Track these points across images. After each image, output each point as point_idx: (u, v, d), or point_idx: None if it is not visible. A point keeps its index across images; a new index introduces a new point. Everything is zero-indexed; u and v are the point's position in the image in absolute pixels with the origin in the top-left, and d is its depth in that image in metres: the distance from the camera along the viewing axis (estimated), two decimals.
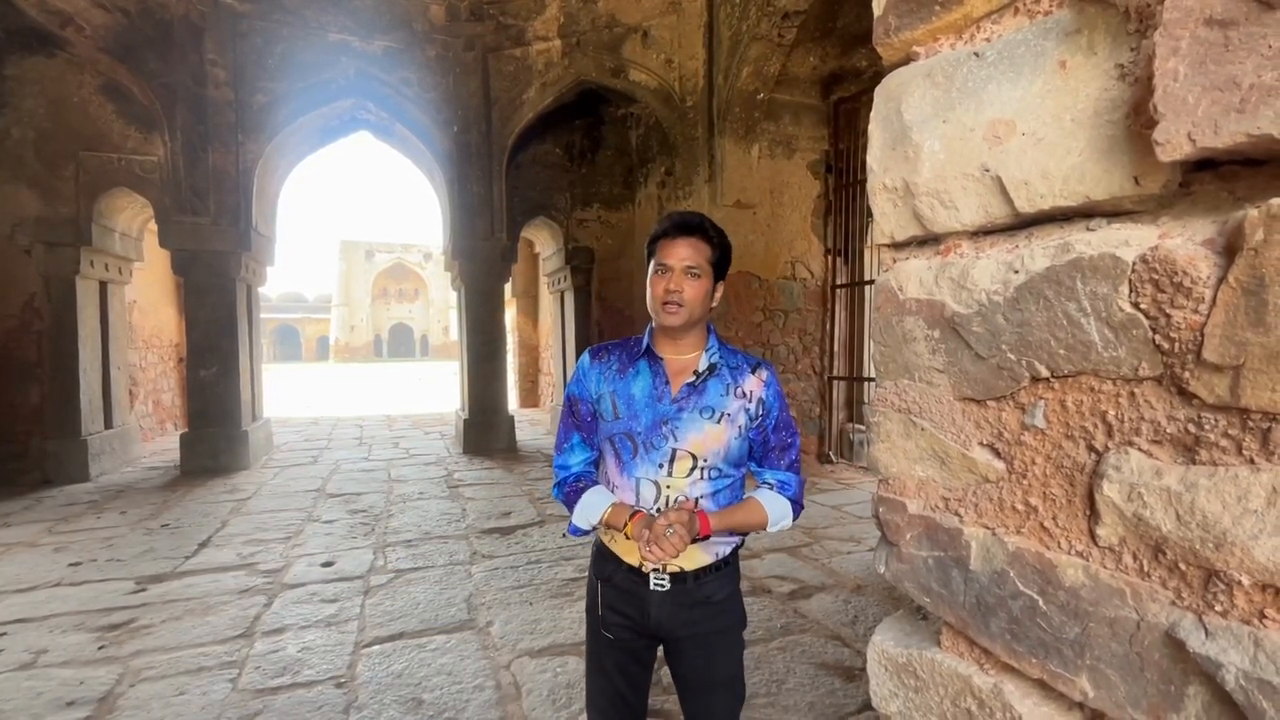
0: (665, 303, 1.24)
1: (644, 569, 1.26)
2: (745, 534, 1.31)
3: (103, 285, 6.56)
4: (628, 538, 1.23)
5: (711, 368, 1.29)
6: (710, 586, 1.28)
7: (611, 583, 1.31)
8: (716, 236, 1.28)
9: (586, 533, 1.32)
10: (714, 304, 1.31)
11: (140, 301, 8.18)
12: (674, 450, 1.24)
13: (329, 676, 2.43)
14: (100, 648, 2.65)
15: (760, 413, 1.29)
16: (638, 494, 1.26)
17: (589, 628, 1.39)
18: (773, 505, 1.28)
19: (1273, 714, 0.56)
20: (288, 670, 2.47)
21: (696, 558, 1.26)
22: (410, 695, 2.29)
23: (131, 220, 6.93)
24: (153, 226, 6.73)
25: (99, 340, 6.46)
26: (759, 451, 1.32)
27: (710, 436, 1.24)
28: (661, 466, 1.24)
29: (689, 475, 1.25)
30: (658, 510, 1.24)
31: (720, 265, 1.29)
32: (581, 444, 1.36)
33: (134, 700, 2.27)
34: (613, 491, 1.30)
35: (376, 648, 2.65)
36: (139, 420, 7.82)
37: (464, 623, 2.89)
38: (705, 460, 1.25)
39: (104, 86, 6.18)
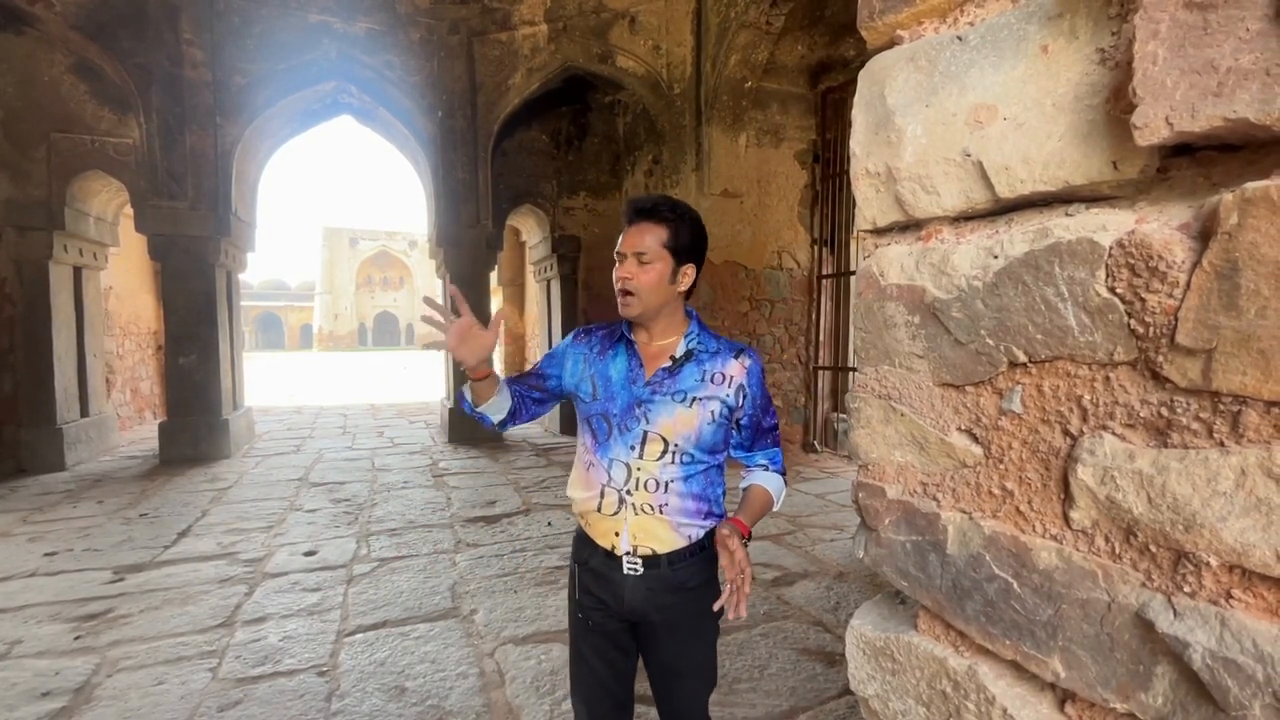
0: (619, 292, 1.24)
1: (616, 552, 1.26)
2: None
3: (77, 270, 6.40)
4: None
5: (689, 354, 1.27)
6: (684, 572, 1.26)
7: (588, 566, 1.32)
8: (675, 217, 1.24)
9: (464, 399, 1.35)
10: (683, 288, 1.27)
11: (117, 288, 8.01)
12: (645, 433, 1.24)
13: (311, 665, 2.41)
14: (77, 638, 2.61)
15: (740, 400, 1.27)
16: (609, 474, 1.26)
17: (570, 613, 1.40)
18: (773, 485, 1.32)
19: (1236, 692, 0.57)
20: (269, 659, 2.45)
21: (668, 539, 1.24)
22: (393, 683, 2.28)
23: (106, 204, 6.77)
24: (129, 211, 6.57)
25: (74, 327, 6.32)
26: (749, 437, 1.32)
27: (680, 420, 1.24)
28: (634, 448, 1.24)
29: (659, 459, 1.24)
30: (627, 492, 1.25)
31: (685, 248, 1.24)
32: (515, 380, 1.37)
33: (111, 690, 2.24)
34: (588, 470, 1.30)
35: (359, 636, 2.64)
36: (116, 409, 7.68)
37: (448, 611, 2.88)
38: (676, 444, 1.24)
39: (76, 65, 6.00)
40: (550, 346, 8.82)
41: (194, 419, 6.30)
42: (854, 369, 1.03)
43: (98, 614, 2.84)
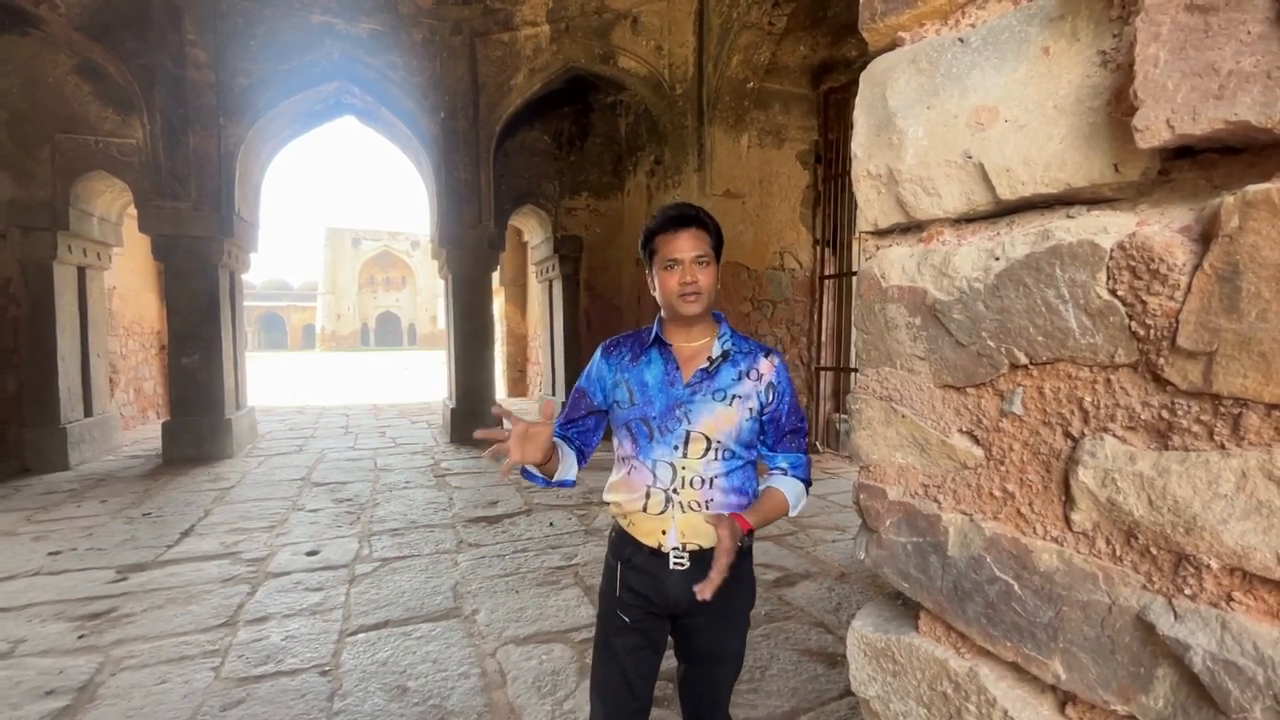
0: (683, 294, 1.29)
1: (662, 549, 1.31)
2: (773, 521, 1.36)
3: (81, 271, 6.43)
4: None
5: (725, 354, 1.34)
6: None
7: (631, 564, 1.35)
8: (712, 223, 1.34)
9: (533, 476, 1.33)
10: (718, 286, 1.37)
11: (120, 288, 8.04)
12: (688, 432, 1.30)
13: (313, 665, 2.42)
14: (80, 637, 2.62)
15: (771, 397, 1.34)
16: (654, 475, 1.31)
17: (602, 612, 1.42)
18: (790, 490, 1.35)
19: (1237, 694, 0.57)
20: (271, 659, 2.46)
21: (713, 534, 1.28)
22: (395, 683, 2.29)
23: (110, 204, 6.80)
24: (132, 211, 6.60)
25: (78, 327, 6.35)
26: (772, 437, 1.37)
27: (722, 418, 1.30)
28: (676, 448, 1.30)
29: (703, 456, 1.30)
30: (674, 490, 1.30)
31: (718, 251, 1.35)
32: (570, 422, 1.44)
33: (114, 689, 2.25)
34: (629, 474, 1.35)
35: (361, 636, 2.64)
36: (120, 408, 7.71)
37: (450, 611, 2.89)
38: (718, 441, 1.30)
39: (80, 66, 6.02)
40: (551, 346, 8.84)
41: (197, 419, 6.32)
42: (855, 370, 1.03)
43: (101, 613, 2.85)
